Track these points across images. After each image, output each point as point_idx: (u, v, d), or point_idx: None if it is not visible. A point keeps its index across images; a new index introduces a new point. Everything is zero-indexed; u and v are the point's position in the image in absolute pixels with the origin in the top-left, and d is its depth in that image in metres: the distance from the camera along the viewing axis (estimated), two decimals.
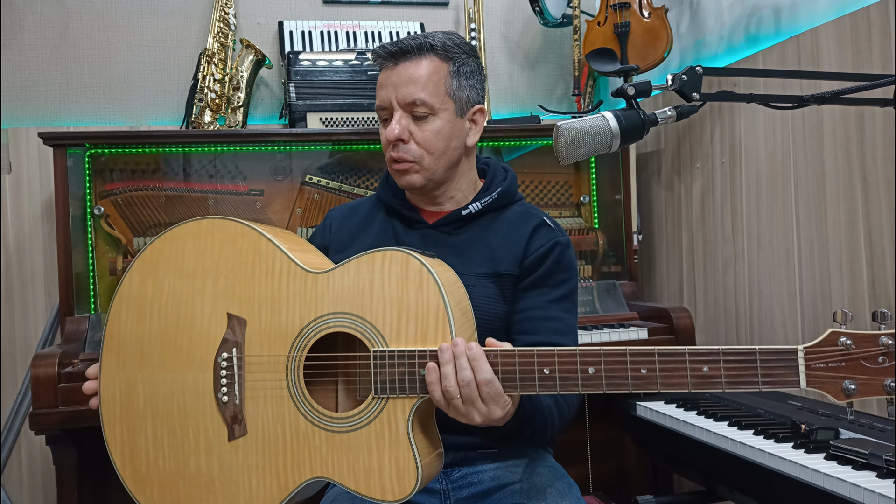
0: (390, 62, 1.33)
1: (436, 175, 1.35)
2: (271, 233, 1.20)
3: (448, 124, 1.34)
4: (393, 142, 1.33)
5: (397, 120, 1.32)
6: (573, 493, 1.28)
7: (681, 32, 2.54)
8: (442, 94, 1.32)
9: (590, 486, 2.34)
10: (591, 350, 1.05)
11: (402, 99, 1.31)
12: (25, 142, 2.39)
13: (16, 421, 2.28)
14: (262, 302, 1.16)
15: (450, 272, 1.19)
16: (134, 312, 1.22)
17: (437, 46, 1.33)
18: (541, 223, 1.39)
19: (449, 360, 1.06)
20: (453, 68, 1.34)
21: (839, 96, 1.32)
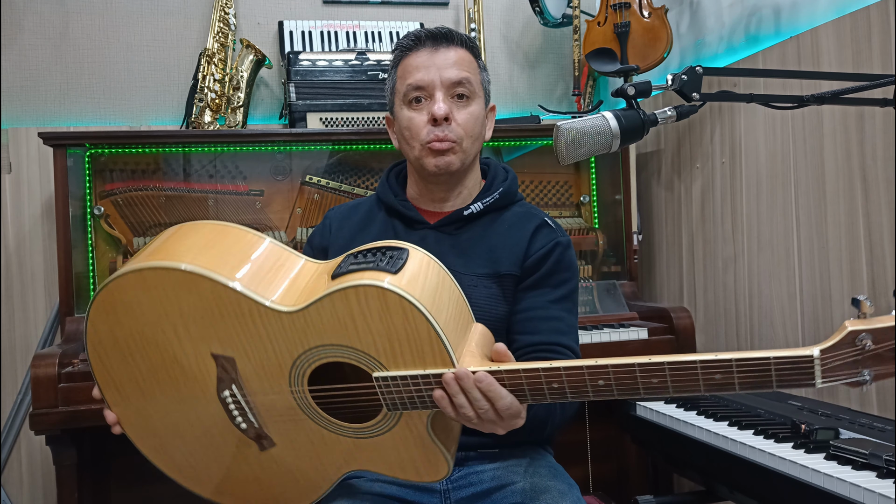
0: (430, 44, 1.36)
1: (467, 160, 1.38)
2: (222, 265, 1.07)
3: (481, 110, 1.39)
4: (439, 121, 1.32)
5: (442, 99, 1.33)
6: (573, 493, 1.28)
7: (681, 32, 2.54)
8: (478, 81, 1.39)
9: (590, 486, 2.34)
10: (599, 366, 1.00)
11: (448, 78, 1.34)
12: (25, 142, 2.39)
13: (16, 421, 2.28)
14: (242, 341, 1.08)
15: (430, 271, 1.08)
16: (115, 357, 1.14)
17: (466, 41, 1.39)
18: (542, 223, 1.40)
19: (457, 391, 1.02)
20: (480, 63, 1.41)
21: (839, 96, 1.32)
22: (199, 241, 1.11)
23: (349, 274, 1.03)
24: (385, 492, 1.32)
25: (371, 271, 1.03)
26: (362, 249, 1.10)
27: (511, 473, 1.32)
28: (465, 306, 1.13)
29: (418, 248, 1.10)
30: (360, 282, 1.01)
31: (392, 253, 1.07)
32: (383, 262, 1.04)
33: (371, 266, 1.04)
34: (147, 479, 2.14)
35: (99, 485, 2.10)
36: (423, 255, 1.09)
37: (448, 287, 1.10)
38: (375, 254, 1.07)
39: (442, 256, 1.36)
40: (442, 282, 1.09)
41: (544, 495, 1.25)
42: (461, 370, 1.02)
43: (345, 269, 1.05)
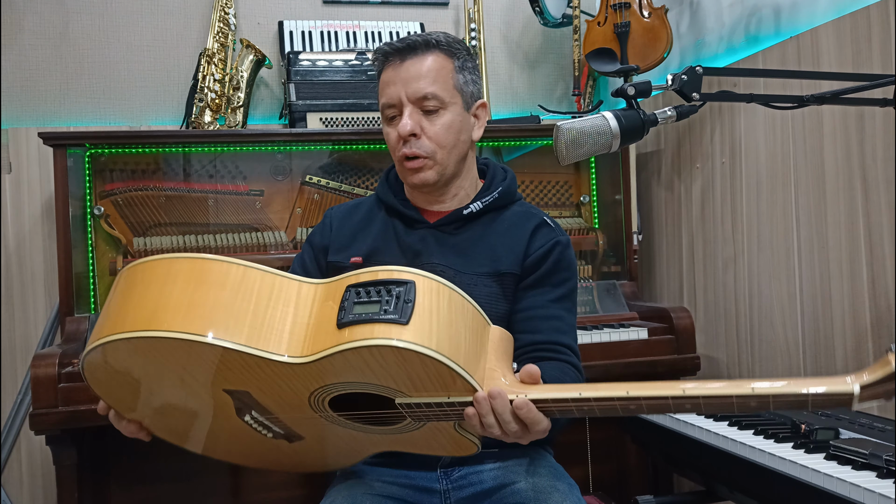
0: (396, 59, 1.33)
1: (447, 170, 1.36)
2: (216, 322, 0.98)
3: (458, 118, 1.35)
4: (405, 138, 1.32)
5: (408, 115, 1.32)
6: (573, 493, 1.28)
7: (681, 32, 2.54)
8: (450, 87, 1.34)
9: (590, 486, 2.34)
10: (631, 398, 0.97)
11: (412, 94, 1.31)
12: (25, 142, 2.39)
13: (16, 421, 2.28)
14: (254, 381, 1.04)
15: (441, 301, 1.01)
16: (120, 390, 1.10)
17: (441, 42, 1.34)
18: (541, 223, 1.40)
19: (488, 412, 1.01)
20: (458, 63, 1.36)
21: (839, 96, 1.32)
22: (183, 293, 1.00)
23: (357, 326, 0.97)
24: (385, 492, 1.32)
25: (380, 324, 0.96)
26: (364, 282, 1.01)
27: (511, 473, 1.32)
28: (479, 316, 1.07)
29: (423, 275, 1.02)
30: (371, 342, 0.95)
31: (398, 291, 0.99)
32: (391, 308, 0.97)
33: (379, 315, 0.97)
34: (147, 480, 2.15)
35: (99, 485, 2.10)
36: (429, 282, 1.01)
37: (460, 309, 1.03)
38: (380, 291, 0.99)
39: (442, 255, 1.36)
40: (454, 308, 1.02)
41: (544, 495, 1.25)
42: (495, 390, 1.00)
43: (350, 318, 0.98)
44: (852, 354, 1.77)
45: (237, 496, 2.21)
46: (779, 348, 2.02)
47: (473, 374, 0.99)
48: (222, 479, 2.20)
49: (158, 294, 1.00)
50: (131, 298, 1.02)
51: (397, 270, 1.02)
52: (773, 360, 2.04)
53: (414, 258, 1.38)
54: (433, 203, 1.41)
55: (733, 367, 2.22)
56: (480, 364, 1.03)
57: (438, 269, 1.36)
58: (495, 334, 1.09)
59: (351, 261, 1.41)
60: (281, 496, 2.22)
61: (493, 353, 1.05)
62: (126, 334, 0.98)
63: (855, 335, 1.76)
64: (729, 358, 2.24)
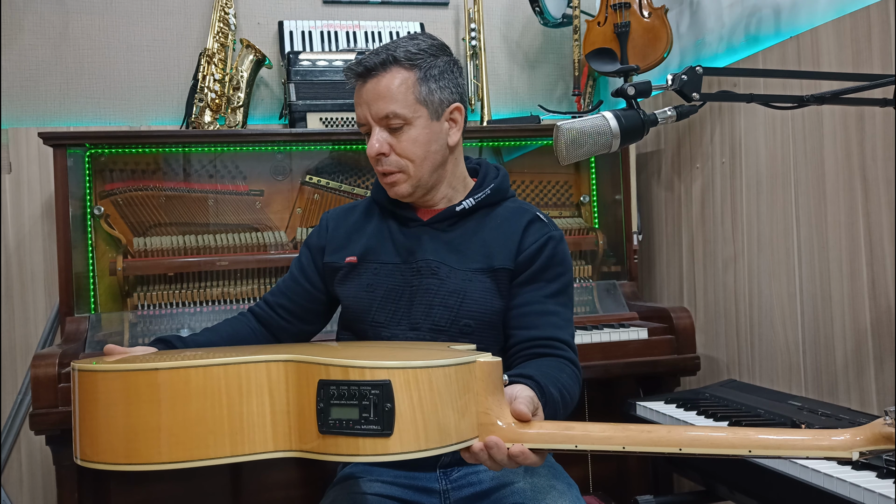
0: (359, 80, 1.35)
1: (422, 181, 1.37)
2: (203, 445, 0.95)
3: (424, 130, 1.34)
4: (374, 157, 1.35)
5: (376, 136, 1.34)
6: (573, 492, 1.28)
7: (681, 32, 2.54)
8: (412, 102, 1.33)
9: (590, 486, 2.34)
10: (627, 452, 0.97)
11: (375, 114, 1.33)
12: (25, 142, 2.39)
13: (16, 421, 2.28)
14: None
15: (421, 388, 0.95)
16: None
17: (399, 58, 1.33)
18: (534, 218, 1.41)
19: (485, 459, 1.01)
20: (420, 74, 1.34)
21: (839, 96, 1.32)
22: (151, 415, 0.95)
23: (340, 437, 0.93)
24: (385, 492, 1.32)
25: (364, 438, 0.92)
26: (336, 381, 0.94)
27: (510, 473, 1.32)
28: (462, 368, 0.99)
29: (398, 367, 0.94)
30: (359, 459, 0.93)
31: (374, 395, 0.92)
32: (370, 415, 0.92)
33: (360, 426, 0.92)
34: (147, 480, 2.15)
35: (99, 485, 2.10)
36: (405, 374, 0.94)
37: (443, 383, 0.96)
38: (355, 394, 0.92)
39: (436, 252, 1.37)
40: (436, 388, 0.95)
41: (544, 495, 1.25)
42: (491, 441, 0.99)
43: (331, 425, 0.93)
44: (852, 355, 1.77)
45: (237, 496, 2.21)
46: (779, 348, 2.02)
47: (466, 437, 0.99)
48: (222, 480, 2.20)
49: (125, 417, 0.95)
50: (97, 418, 0.97)
51: (369, 368, 0.93)
52: (773, 360, 2.04)
53: (408, 256, 1.39)
54: (423, 203, 1.43)
55: (733, 367, 2.22)
56: (471, 412, 1.00)
57: (433, 266, 1.36)
58: (483, 371, 1.01)
59: (346, 260, 1.42)
60: (281, 496, 2.22)
61: (483, 393, 1.02)
62: (107, 465, 0.96)
63: (855, 335, 1.76)
64: (729, 358, 2.24)
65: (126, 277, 2.13)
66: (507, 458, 1.00)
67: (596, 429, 0.99)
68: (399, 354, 1.03)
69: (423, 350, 1.10)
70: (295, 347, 1.14)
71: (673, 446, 0.95)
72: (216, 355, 1.00)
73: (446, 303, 1.35)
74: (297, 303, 1.47)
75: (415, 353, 1.04)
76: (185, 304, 2.16)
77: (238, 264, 2.19)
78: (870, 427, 0.88)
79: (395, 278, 1.38)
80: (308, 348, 1.11)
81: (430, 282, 1.36)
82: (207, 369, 0.96)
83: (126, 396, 0.96)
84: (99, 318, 2.09)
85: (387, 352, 1.08)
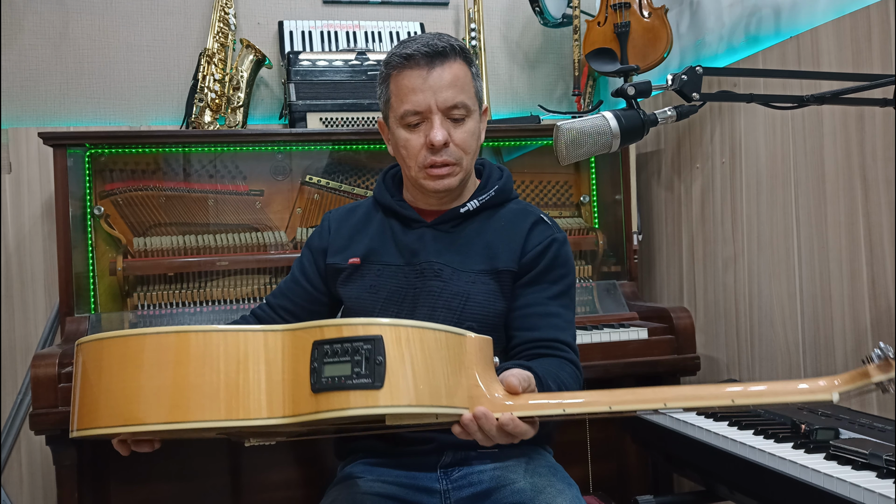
0: (423, 65, 1.30)
1: (467, 174, 1.38)
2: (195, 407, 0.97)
3: (477, 125, 1.37)
4: (438, 147, 1.30)
5: (439, 125, 1.30)
6: (573, 492, 1.28)
7: (681, 32, 2.54)
8: (472, 95, 1.35)
9: (590, 486, 2.34)
10: (615, 412, 1.00)
11: (443, 102, 1.30)
12: (25, 142, 2.39)
13: (16, 421, 2.28)
14: (244, 432, 1.11)
15: (413, 346, 0.98)
16: None
17: (462, 49, 1.34)
18: (538, 220, 1.41)
19: (475, 431, 1.02)
20: (474, 70, 1.37)
21: (839, 96, 1.32)
22: (150, 378, 0.97)
23: (332, 393, 0.94)
24: (385, 492, 1.32)
25: (355, 391, 0.93)
26: (330, 340, 0.96)
27: (511, 473, 1.32)
28: (454, 337, 1.03)
29: (390, 324, 0.97)
30: (349, 412, 0.94)
31: (366, 349, 0.95)
32: (362, 370, 0.94)
33: (352, 380, 0.94)
34: (147, 480, 2.15)
35: (99, 485, 2.10)
36: (396, 331, 0.97)
37: (434, 345, 0.99)
38: (347, 350, 0.95)
39: (439, 254, 1.37)
40: (427, 348, 0.98)
41: (544, 495, 1.25)
42: (480, 411, 1.01)
43: (323, 383, 0.95)
44: (852, 355, 1.77)
45: (237, 496, 2.21)
46: (779, 348, 2.02)
47: (456, 404, 1.00)
48: (222, 479, 2.20)
49: (125, 380, 0.98)
50: (99, 385, 1.00)
51: (362, 325, 0.96)
52: (773, 360, 2.05)
53: (412, 257, 1.38)
54: (433, 203, 1.42)
55: (733, 367, 2.22)
56: (462, 385, 1.01)
57: (436, 268, 1.36)
58: (473, 345, 1.05)
59: (349, 262, 1.42)
60: (281, 496, 2.22)
61: (474, 367, 1.04)
62: (104, 429, 0.99)
63: (855, 335, 1.76)
64: (729, 358, 2.24)
65: (126, 277, 2.13)
66: (496, 430, 1.01)
67: (583, 393, 1.03)
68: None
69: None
70: None
71: (657, 402, 0.99)
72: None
73: (449, 305, 1.34)
74: (299, 304, 1.47)
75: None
76: (185, 304, 2.16)
77: (238, 264, 2.19)
78: (849, 373, 0.95)
79: (398, 280, 1.38)
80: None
81: (433, 284, 1.36)
82: (207, 335, 0.98)
83: (131, 360, 0.98)
84: (99, 318, 2.09)
85: None
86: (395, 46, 1.36)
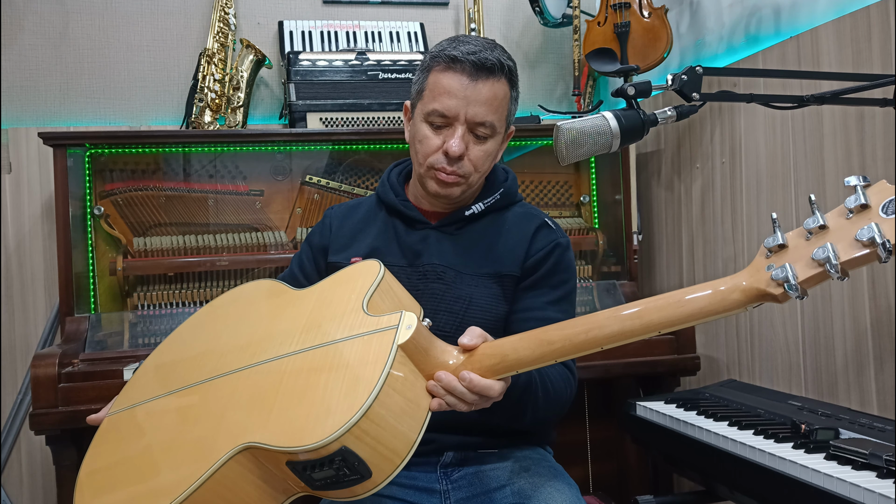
0: (467, 73, 1.28)
1: (472, 189, 1.37)
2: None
3: (497, 146, 1.36)
4: (453, 157, 1.30)
5: (461, 136, 1.29)
6: (573, 492, 1.28)
7: (681, 32, 2.54)
8: (503, 118, 1.33)
9: (590, 486, 2.34)
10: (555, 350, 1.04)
11: (472, 117, 1.28)
12: (25, 142, 2.39)
13: (16, 421, 2.28)
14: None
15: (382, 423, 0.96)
16: None
17: (506, 69, 1.31)
18: (542, 224, 1.40)
19: (444, 395, 1.04)
20: (514, 94, 1.35)
21: (839, 96, 1.32)
22: None
23: (331, 491, 0.99)
24: (385, 492, 1.31)
25: (354, 486, 0.97)
26: (300, 462, 0.95)
27: (511, 473, 1.32)
28: (392, 376, 0.99)
29: (342, 432, 0.93)
30: (360, 497, 0.99)
31: (339, 461, 0.95)
32: (349, 472, 0.96)
33: (347, 479, 0.96)
34: None
35: None
36: (352, 432, 0.93)
37: (386, 406, 0.97)
38: (325, 463, 0.95)
39: (442, 256, 1.37)
40: (381, 417, 0.96)
41: (544, 495, 1.25)
42: (432, 381, 1.04)
43: (321, 483, 0.97)
44: (852, 355, 1.77)
45: None
46: (779, 348, 2.02)
47: (425, 410, 1.03)
48: None
49: None
50: None
51: (321, 447, 0.93)
52: (773, 360, 2.04)
53: (414, 258, 1.38)
54: (436, 205, 1.41)
55: (733, 367, 2.22)
56: (418, 393, 1.03)
57: (439, 270, 1.36)
58: (409, 349, 1.02)
59: (351, 260, 1.41)
60: None
61: (419, 366, 1.04)
62: None
63: (855, 335, 1.76)
64: (729, 358, 2.24)
65: (126, 277, 2.13)
66: (466, 390, 1.03)
67: (521, 339, 1.05)
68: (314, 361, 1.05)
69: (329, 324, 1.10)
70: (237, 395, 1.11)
71: (594, 347, 1.01)
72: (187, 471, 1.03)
73: (452, 308, 1.34)
74: None
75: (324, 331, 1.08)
76: (185, 304, 2.16)
77: (238, 264, 2.19)
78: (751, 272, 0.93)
79: (400, 281, 1.38)
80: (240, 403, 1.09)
81: (435, 286, 1.35)
82: (200, 490, 1.00)
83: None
84: (99, 318, 2.09)
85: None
86: (448, 41, 1.32)
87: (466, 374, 1.03)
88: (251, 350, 1.15)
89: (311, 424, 0.95)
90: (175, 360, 1.28)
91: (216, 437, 1.04)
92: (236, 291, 1.36)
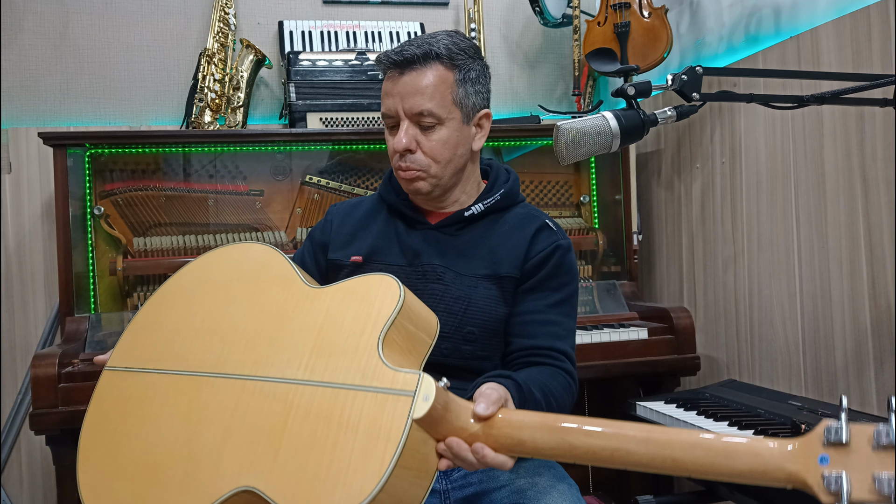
0: (395, 71, 1.31)
1: (442, 181, 1.35)
2: None
3: (455, 133, 1.33)
4: (401, 152, 1.31)
5: (405, 130, 1.30)
6: (573, 493, 1.28)
7: (681, 32, 2.54)
8: (448, 103, 1.31)
9: (590, 486, 2.34)
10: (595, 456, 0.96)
11: (408, 109, 1.30)
12: (25, 142, 2.39)
13: (16, 421, 2.28)
14: None
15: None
16: None
17: (442, 54, 1.30)
18: (542, 226, 1.40)
19: (454, 457, 1.00)
20: (459, 76, 1.32)
21: (839, 96, 1.32)
22: None
23: None
24: None
25: None
26: None
27: (511, 473, 1.32)
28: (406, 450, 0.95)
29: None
30: None
31: None
32: None
33: None
34: None
35: None
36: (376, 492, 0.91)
37: (399, 479, 0.94)
38: None
39: (442, 257, 1.36)
40: (398, 490, 0.94)
41: (544, 495, 1.25)
42: (442, 447, 1.00)
43: None
44: (852, 355, 1.77)
45: None
46: (779, 348, 2.02)
47: (434, 475, 1.00)
48: None
49: None
50: None
51: None
52: (773, 360, 2.05)
53: (414, 258, 1.38)
54: (435, 205, 1.41)
55: (733, 367, 2.22)
56: (430, 458, 1.00)
57: (439, 271, 1.36)
58: (426, 424, 0.97)
59: (351, 259, 1.41)
60: None
61: (436, 435, 1.00)
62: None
63: (855, 335, 1.76)
64: (729, 358, 2.24)
65: (126, 277, 2.14)
66: (476, 462, 0.99)
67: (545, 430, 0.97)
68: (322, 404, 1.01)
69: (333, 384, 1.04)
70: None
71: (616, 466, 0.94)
72: None
73: (451, 309, 1.33)
74: None
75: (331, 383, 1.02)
76: None
77: None
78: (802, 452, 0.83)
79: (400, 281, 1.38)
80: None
81: (434, 287, 1.35)
82: None
83: None
84: (99, 318, 2.09)
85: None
86: None
87: (480, 447, 0.99)
88: (257, 353, 1.13)
89: (317, 493, 0.93)
90: (178, 328, 1.24)
91: (218, 464, 1.04)
92: (236, 252, 1.29)
